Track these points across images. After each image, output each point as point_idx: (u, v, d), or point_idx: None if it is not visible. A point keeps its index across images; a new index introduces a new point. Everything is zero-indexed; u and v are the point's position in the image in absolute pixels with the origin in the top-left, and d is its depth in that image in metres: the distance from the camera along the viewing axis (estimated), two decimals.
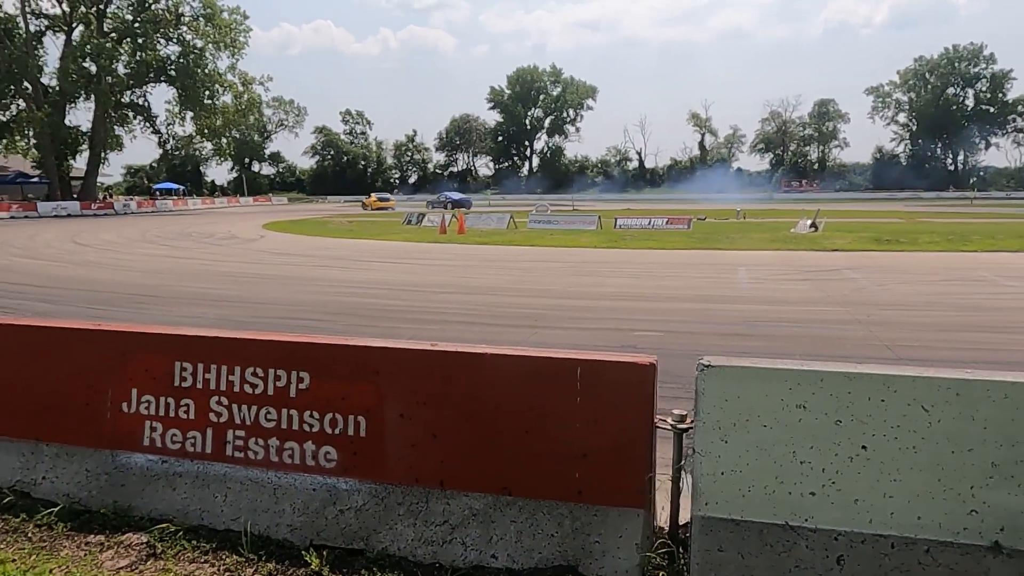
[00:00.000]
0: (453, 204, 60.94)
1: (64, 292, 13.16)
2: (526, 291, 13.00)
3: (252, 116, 72.65)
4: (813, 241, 22.64)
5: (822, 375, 2.92)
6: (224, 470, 3.72)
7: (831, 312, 10.29)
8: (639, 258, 19.11)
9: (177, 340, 3.90)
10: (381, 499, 3.48)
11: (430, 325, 9.67)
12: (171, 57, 59.09)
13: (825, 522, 2.92)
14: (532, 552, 3.24)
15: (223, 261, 19.32)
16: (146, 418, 3.85)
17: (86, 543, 3.54)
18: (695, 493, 3.09)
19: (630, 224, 31.39)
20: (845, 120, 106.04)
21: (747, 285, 13.66)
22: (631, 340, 8.50)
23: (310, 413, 3.58)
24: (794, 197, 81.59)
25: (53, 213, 48.48)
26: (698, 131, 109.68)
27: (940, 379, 2.81)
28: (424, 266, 17.80)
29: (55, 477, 3.97)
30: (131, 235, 29.63)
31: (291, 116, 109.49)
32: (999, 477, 2.76)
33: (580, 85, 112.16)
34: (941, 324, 9.43)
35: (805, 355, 7.52)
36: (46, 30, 56.81)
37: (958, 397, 2.78)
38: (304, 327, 9.40)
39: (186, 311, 10.92)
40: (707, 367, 3.03)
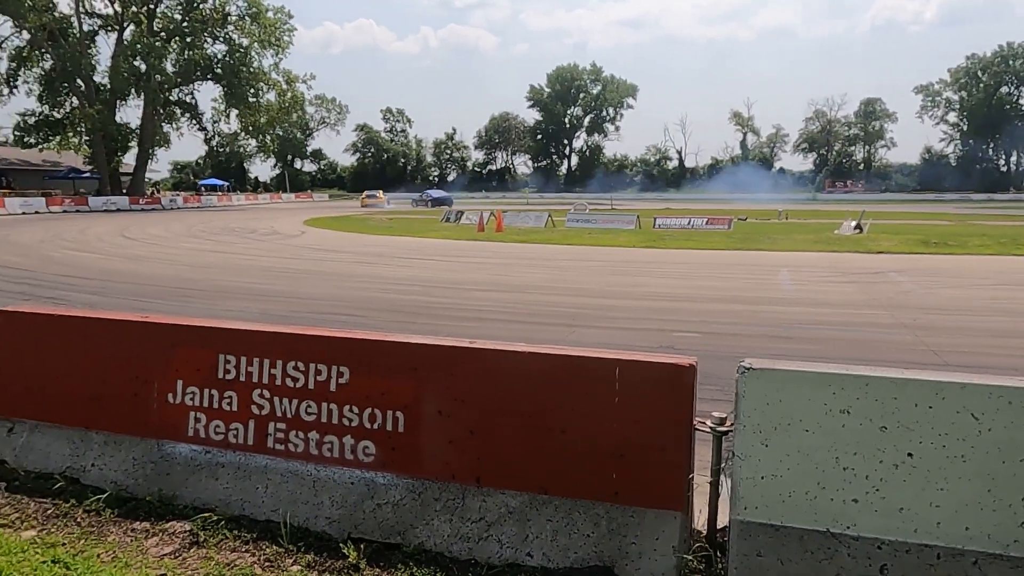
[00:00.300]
0: (434, 202, 61.09)
1: (113, 285, 13.53)
2: (563, 290, 12.97)
3: (295, 114, 73.73)
4: (858, 243, 22.17)
5: (867, 380, 2.86)
6: (265, 462, 3.78)
7: (876, 316, 10.06)
8: (678, 258, 18.93)
9: (221, 333, 3.98)
10: (418, 494, 3.50)
11: (467, 322, 9.71)
12: (217, 56, 60.27)
13: (868, 530, 2.86)
14: (568, 552, 3.23)
15: (265, 256, 19.65)
16: (190, 409, 3.94)
17: (132, 529, 3.63)
18: (734, 497, 3.05)
19: (669, 224, 31.13)
20: (892, 119, 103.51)
21: (789, 287, 13.44)
22: (669, 341, 8.43)
23: (349, 407, 3.62)
24: (838, 198, 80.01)
25: (103, 208, 49.83)
26: (740, 130, 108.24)
27: (991, 386, 2.73)
28: (462, 263, 17.88)
29: (103, 464, 4.09)
30: (177, 230, 30.32)
31: (333, 114, 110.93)
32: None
33: (620, 83, 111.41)
34: (991, 329, 9.16)
35: (848, 359, 7.37)
36: (99, 30, 58.40)
37: (1010, 405, 2.70)
38: (344, 322, 9.52)
39: (229, 305, 11.14)
40: (748, 370, 2.99)
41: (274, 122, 64.78)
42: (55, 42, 53.00)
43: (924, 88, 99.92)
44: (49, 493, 3.99)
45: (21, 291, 12.59)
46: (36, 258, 18.36)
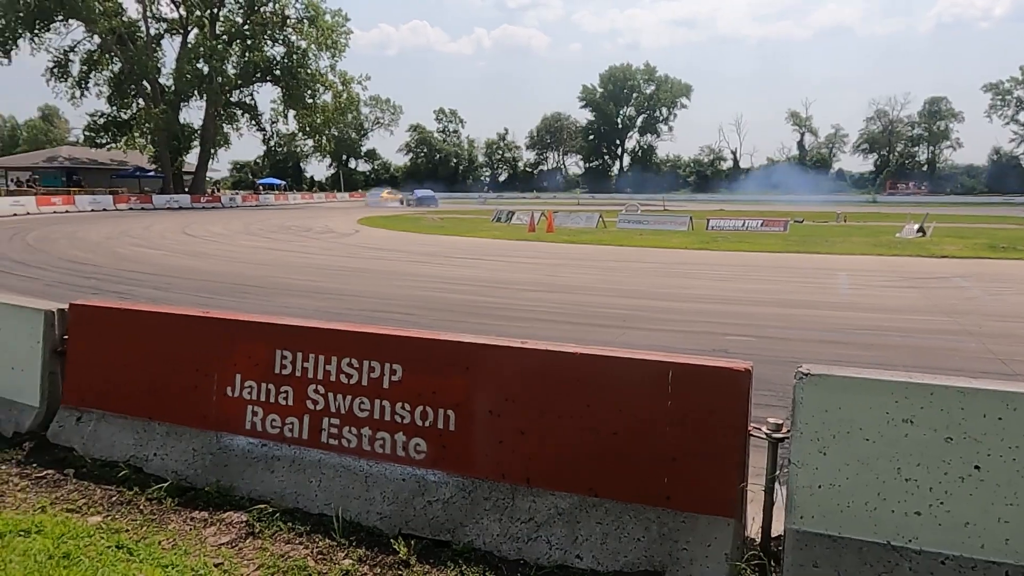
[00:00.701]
0: (417, 200, 61.37)
1: (176, 280, 13.97)
2: (614, 291, 12.88)
3: (350, 114, 74.93)
4: (920, 246, 21.44)
5: (932, 389, 2.76)
6: (319, 456, 3.85)
7: (939, 322, 9.72)
8: (732, 260, 18.61)
9: (278, 329, 4.07)
10: (468, 493, 3.52)
11: (517, 323, 9.72)
12: (276, 58, 61.66)
13: (931, 544, 2.77)
14: (617, 555, 3.21)
15: (320, 254, 20.03)
16: (248, 403, 4.04)
17: (191, 518, 3.74)
18: (790, 505, 2.98)
19: (723, 225, 30.64)
20: (959, 119, 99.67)
21: (847, 291, 13.08)
22: (722, 344, 8.29)
23: (402, 405, 3.66)
24: (899, 200, 77.53)
25: (166, 205, 51.53)
26: (797, 131, 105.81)
27: None
28: (512, 263, 17.91)
29: (165, 454, 4.22)
30: (236, 228, 31.12)
31: (387, 114, 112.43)
32: None
33: (674, 83, 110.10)
34: None
35: (910, 367, 7.13)
36: (164, 33, 60.39)
37: None
38: (396, 320, 9.64)
39: (286, 301, 11.38)
40: (807, 375, 2.92)
41: (330, 122, 65.91)
42: (123, 46, 55.00)
43: (993, 86, 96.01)
44: (114, 481, 4.14)
45: (90, 285, 13.10)
46: (104, 253, 19.08)
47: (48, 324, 4.71)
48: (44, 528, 3.53)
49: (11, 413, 4.84)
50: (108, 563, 3.25)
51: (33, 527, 3.54)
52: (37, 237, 24.08)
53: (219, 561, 3.30)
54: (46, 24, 53.39)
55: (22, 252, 19.08)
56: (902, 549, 2.80)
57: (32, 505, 3.86)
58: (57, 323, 4.74)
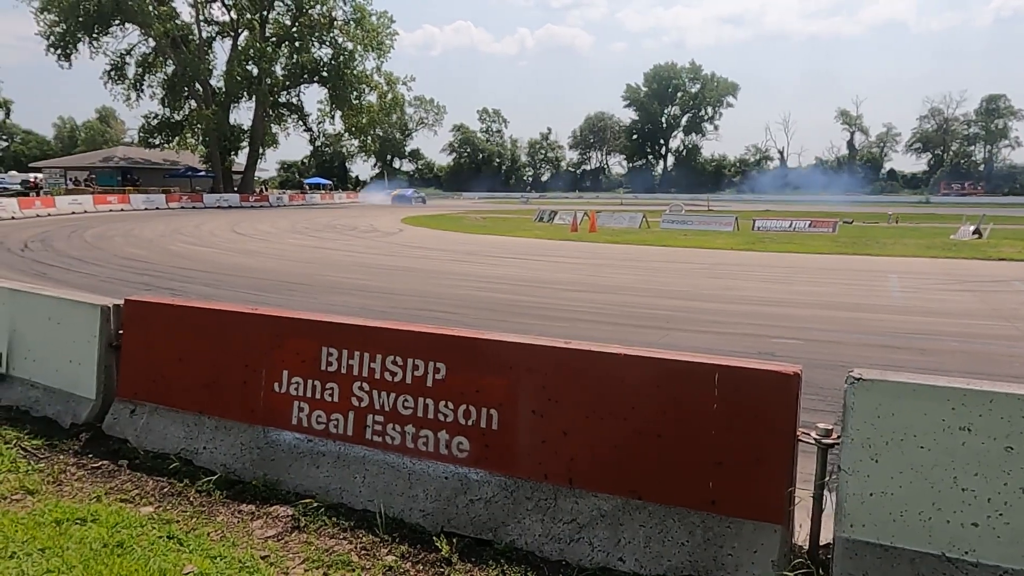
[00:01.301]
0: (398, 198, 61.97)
1: (225, 277, 14.28)
2: (657, 292, 12.76)
3: (395, 115, 75.72)
4: (976, 249, 20.76)
5: (991, 396, 2.67)
6: (363, 453, 3.90)
7: (997, 327, 9.40)
8: (779, 261, 18.28)
9: (324, 326, 4.12)
10: (510, 492, 3.52)
11: (559, 322, 9.69)
12: (323, 59, 62.59)
13: (989, 557, 2.67)
14: (661, 559, 3.17)
15: (364, 253, 20.27)
16: (294, 399, 4.10)
17: (239, 511, 3.82)
18: (839, 513, 2.91)
19: (769, 226, 30.13)
20: (1018, 117, 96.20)
21: (899, 294, 12.74)
22: (768, 347, 8.15)
23: (445, 403, 3.68)
24: (954, 200, 75.20)
25: (216, 204, 52.76)
26: (848, 130, 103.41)
27: None
28: (555, 263, 17.88)
29: (214, 448, 4.31)
30: (283, 226, 31.69)
31: (431, 115, 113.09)
32: None
33: (720, 82, 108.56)
34: None
35: (966, 372, 6.91)
36: (216, 36, 61.82)
37: None
38: (439, 319, 9.69)
39: (331, 299, 11.55)
40: (858, 380, 2.85)
41: (375, 123, 66.69)
42: (177, 49, 56.45)
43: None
44: (165, 472, 4.25)
45: (143, 282, 13.48)
46: (157, 251, 19.62)
47: (104, 319, 4.85)
48: (99, 517, 3.64)
49: (68, 405, 5.01)
50: (159, 553, 3.33)
51: (89, 516, 3.65)
52: (94, 235, 24.87)
53: (265, 554, 3.36)
54: (104, 28, 55.14)
55: (80, 249, 19.73)
56: (958, 561, 2.71)
57: (88, 494, 3.99)
58: (112, 318, 4.88)
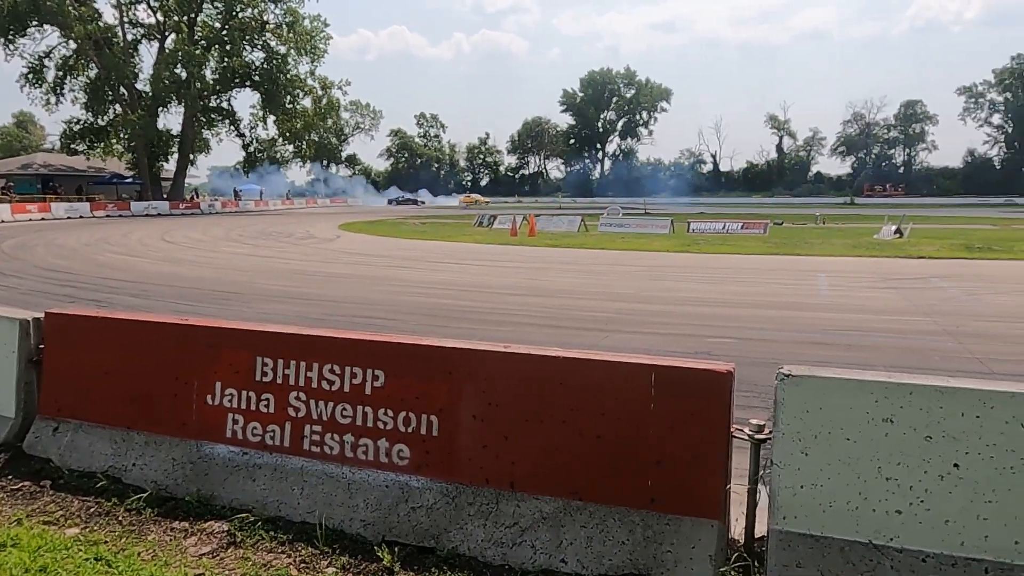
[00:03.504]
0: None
1: (154, 287, 13.81)
2: (597, 294, 12.91)
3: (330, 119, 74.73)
4: (898, 248, 21.70)
5: (911, 388, 2.79)
6: (301, 464, 3.82)
7: (918, 322, 9.84)
8: (713, 263, 18.73)
9: (258, 336, 4.03)
10: (452, 498, 3.51)
11: (501, 327, 9.71)
12: (255, 63, 61.32)
13: (912, 543, 2.79)
14: (602, 558, 3.20)
15: (301, 260, 19.91)
16: (229, 411, 3.99)
17: (171, 529, 3.69)
18: (773, 506, 3.00)
19: (704, 228, 30.86)
20: (934, 122, 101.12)
21: (827, 292, 13.20)
22: (705, 346, 8.33)
23: (384, 411, 3.64)
24: (877, 202, 78.44)
25: (144, 212, 50.96)
26: (776, 134, 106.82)
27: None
28: (495, 268, 17.90)
29: (144, 464, 4.16)
30: (216, 234, 30.87)
31: (367, 119, 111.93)
32: None
33: (654, 87, 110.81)
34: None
35: (890, 367, 7.20)
36: (141, 39, 59.84)
37: None
38: (378, 326, 9.59)
39: (267, 308, 11.30)
40: (788, 376, 2.94)
41: (310, 128, 65.70)
42: (100, 51, 54.43)
43: (967, 89, 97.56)
44: (92, 492, 4.08)
45: (67, 294, 12.92)
46: (81, 261, 18.84)
47: (23, 333, 4.63)
48: (20, 541, 3.47)
49: None
50: (86, 575, 3.19)
51: (9, 540, 3.47)
52: (13, 245, 23.73)
53: (200, 572, 3.26)
54: (21, 29, 52.76)
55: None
56: (884, 548, 2.82)
57: (8, 518, 3.79)
58: (32, 332, 4.66)
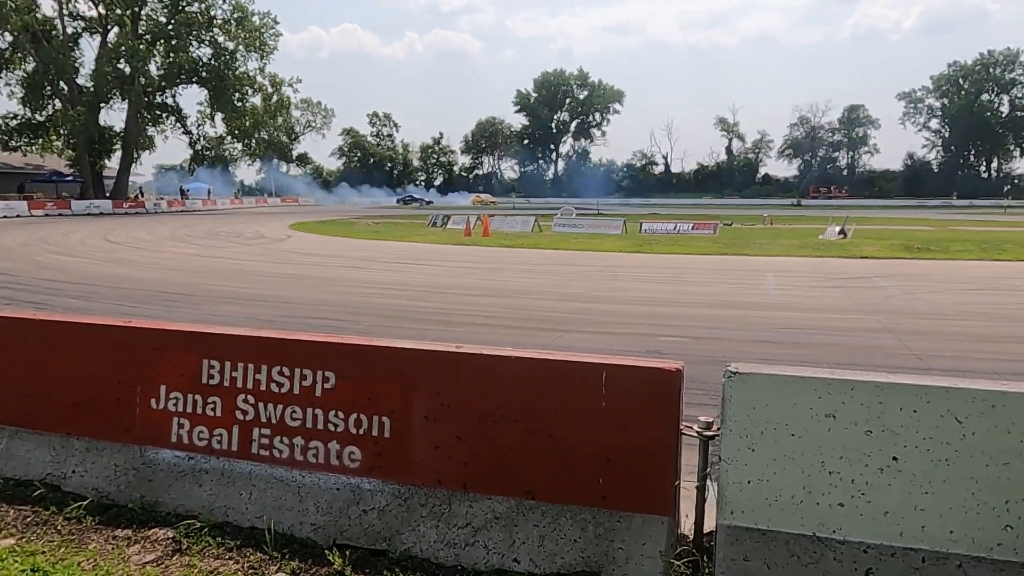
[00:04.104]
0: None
1: (97, 289, 13.39)
2: (551, 294, 12.97)
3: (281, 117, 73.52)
4: (842, 248, 22.33)
5: (852, 384, 2.87)
6: (249, 468, 3.75)
7: (860, 320, 10.13)
8: (665, 263, 18.99)
9: (205, 338, 3.94)
10: (404, 500, 3.48)
11: (455, 327, 9.68)
12: (203, 59, 59.94)
13: (854, 534, 2.87)
14: (555, 557, 3.22)
15: (251, 260, 19.53)
16: (174, 415, 3.90)
17: (113, 537, 3.58)
18: (721, 501, 3.05)
19: (656, 229, 31.27)
20: (875, 126, 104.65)
21: (775, 291, 13.51)
22: (656, 345, 8.44)
23: (335, 413, 3.60)
24: (822, 203, 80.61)
25: (86, 211, 49.34)
26: (726, 136, 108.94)
27: (975, 391, 2.75)
28: (448, 268, 17.85)
29: (84, 471, 4.03)
30: (162, 234, 30.09)
31: (319, 118, 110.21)
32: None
33: (607, 89, 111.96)
34: (974, 334, 9.24)
35: (834, 363, 7.41)
36: (82, 32, 57.94)
37: (993, 409, 2.72)
38: (330, 327, 9.47)
39: (215, 309, 11.06)
40: (735, 374, 3.00)
41: (260, 126, 64.54)
42: (38, 44, 52.48)
43: (907, 95, 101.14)
44: (29, 500, 3.93)
45: (3, 296, 12.44)
46: (19, 262, 18.15)
47: None
48: None
49: None
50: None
51: None
52: None
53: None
54: None
55: None
56: (827, 540, 2.90)
57: None
58: None
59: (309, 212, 60.32)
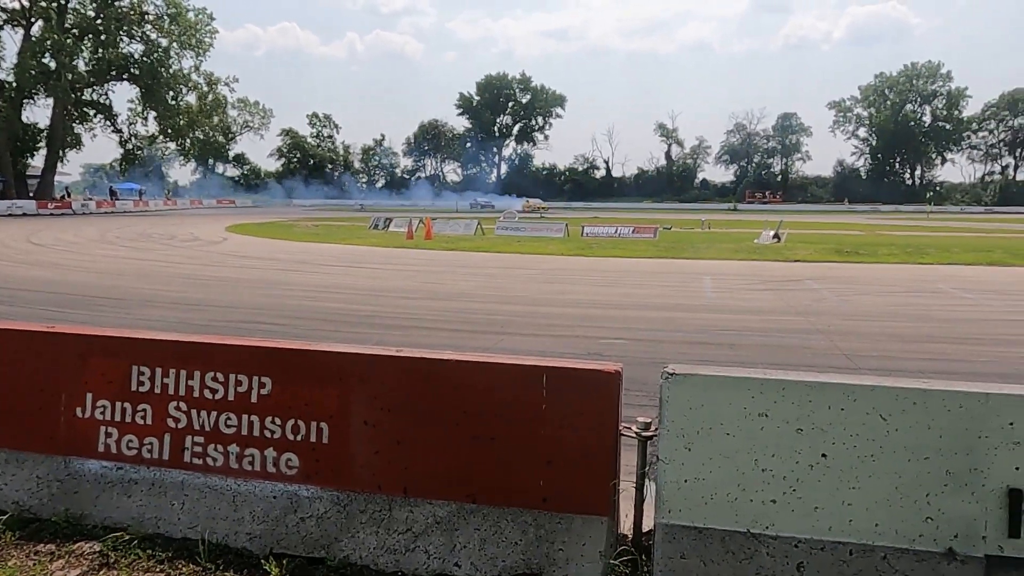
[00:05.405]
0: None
1: (20, 293, 12.80)
2: (492, 297, 12.99)
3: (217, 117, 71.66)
4: (776, 252, 23.00)
5: (784, 384, 2.95)
6: (182, 477, 3.63)
7: (794, 322, 10.45)
8: (606, 266, 19.22)
9: (134, 344, 3.81)
10: (343, 507, 3.43)
11: (395, 331, 9.60)
12: (134, 56, 58.05)
13: (786, 529, 2.95)
14: (496, 560, 3.22)
15: (185, 264, 18.98)
16: (101, 423, 3.75)
17: (36, 552, 3.43)
18: (659, 501, 3.10)
19: (597, 232, 31.63)
20: (807, 133, 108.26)
21: (712, 294, 13.82)
22: (597, 347, 8.54)
23: (272, 419, 3.52)
24: (757, 208, 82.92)
25: (8, 212, 47.05)
26: (665, 141, 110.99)
27: (898, 388, 2.86)
28: (390, 271, 17.69)
29: (4, 484, 3.84)
30: (90, 235, 28.97)
31: (256, 118, 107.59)
32: (953, 485, 2.81)
33: (549, 93, 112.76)
34: (899, 335, 9.63)
35: (769, 364, 7.62)
36: (3, 24, 55.39)
37: (915, 406, 2.83)
38: (267, 331, 9.27)
39: (146, 314, 10.70)
40: (672, 375, 3.05)
41: (195, 125, 62.87)
42: None
43: (836, 104, 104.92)
44: None
45: None
46: None
47: None
48: None
49: None
50: None
51: None
52: None
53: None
54: None
55: None
56: (760, 536, 2.97)
57: None
58: None
59: (247, 214, 58.96)
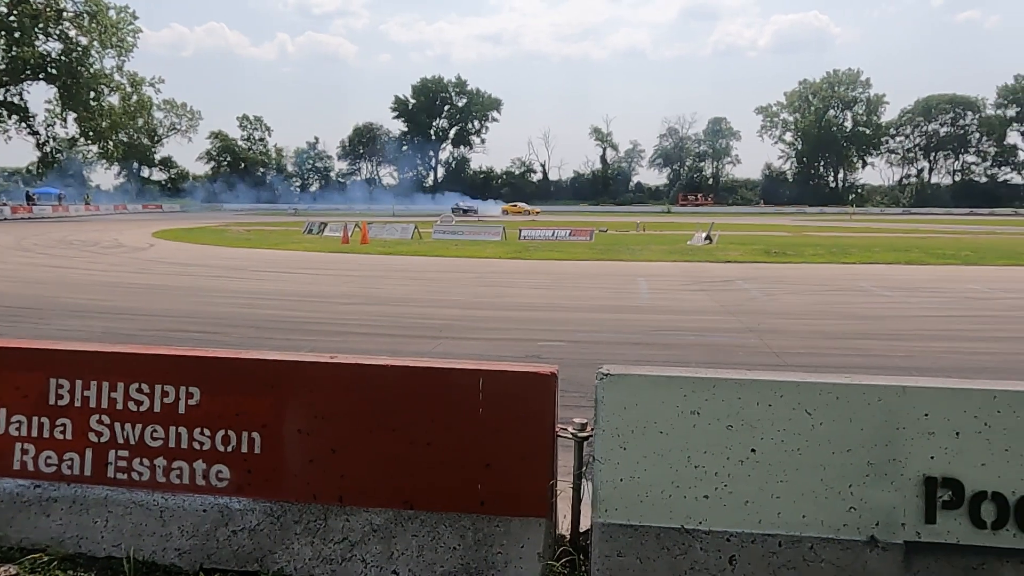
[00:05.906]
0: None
1: None
2: (430, 301, 12.92)
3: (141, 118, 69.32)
4: (708, 253, 23.58)
5: (715, 382, 3.03)
6: (105, 493, 3.49)
7: (725, 321, 10.72)
8: (544, 268, 19.35)
9: (52, 355, 3.64)
10: (277, 518, 3.35)
11: (331, 337, 9.44)
12: (51, 54, 55.66)
13: (718, 524, 3.02)
14: (434, 566, 3.20)
15: (109, 270, 18.26)
16: (16, 440, 3.57)
17: None
18: (595, 500, 3.13)
19: (534, 235, 31.80)
20: (737, 138, 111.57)
21: (648, 296, 14.06)
22: (535, 350, 8.58)
23: (201, 430, 3.41)
24: (690, 211, 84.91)
25: None
26: (600, 145, 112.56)
27: (822, 384, 2.97)
28: (326, 276, 17.40)
29: None
30: (5, 242, 27.59)
31: (184, 120, 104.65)
32: (874, 476, 2.93)
33: (485, 97, 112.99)
34: (825, 332, 10.00)
35: (701, 363, 7.80)
36: None
37: (838, 401, 2.94)
38: (196, 340, 8.99)
39: (66, 324, 10.24)
40: (606, 376, 3.09)
41: (118, 127, 60.66)
42: None
43: (764, 109, 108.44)
44: None
45: None
46: None
47: None
48: None
49: None
50: None
51: None
52: None
53: None
54: None
55: None
56: (694, 531, 3.04)
57: None
58: None
59: (174, 219, 57.10)
